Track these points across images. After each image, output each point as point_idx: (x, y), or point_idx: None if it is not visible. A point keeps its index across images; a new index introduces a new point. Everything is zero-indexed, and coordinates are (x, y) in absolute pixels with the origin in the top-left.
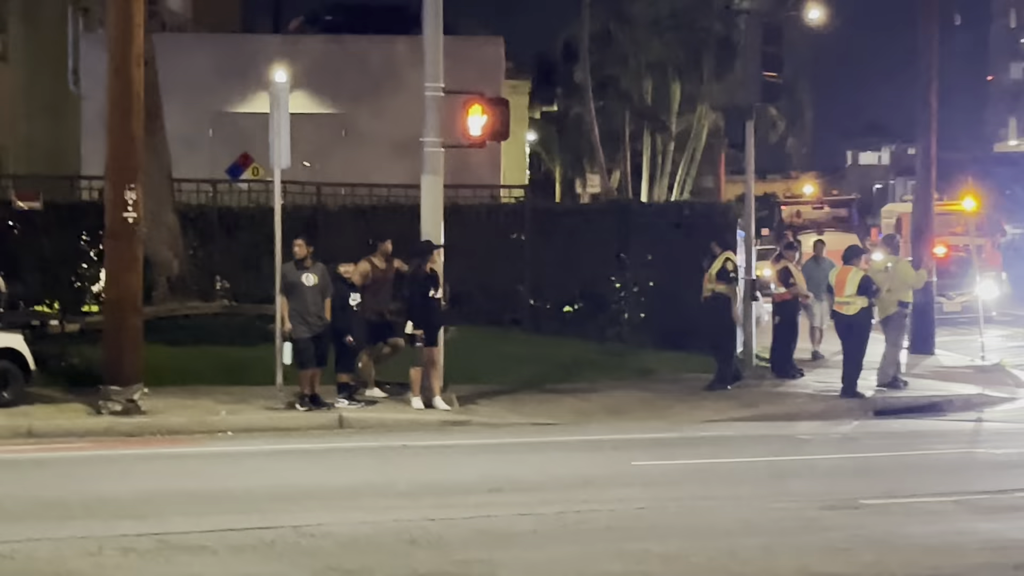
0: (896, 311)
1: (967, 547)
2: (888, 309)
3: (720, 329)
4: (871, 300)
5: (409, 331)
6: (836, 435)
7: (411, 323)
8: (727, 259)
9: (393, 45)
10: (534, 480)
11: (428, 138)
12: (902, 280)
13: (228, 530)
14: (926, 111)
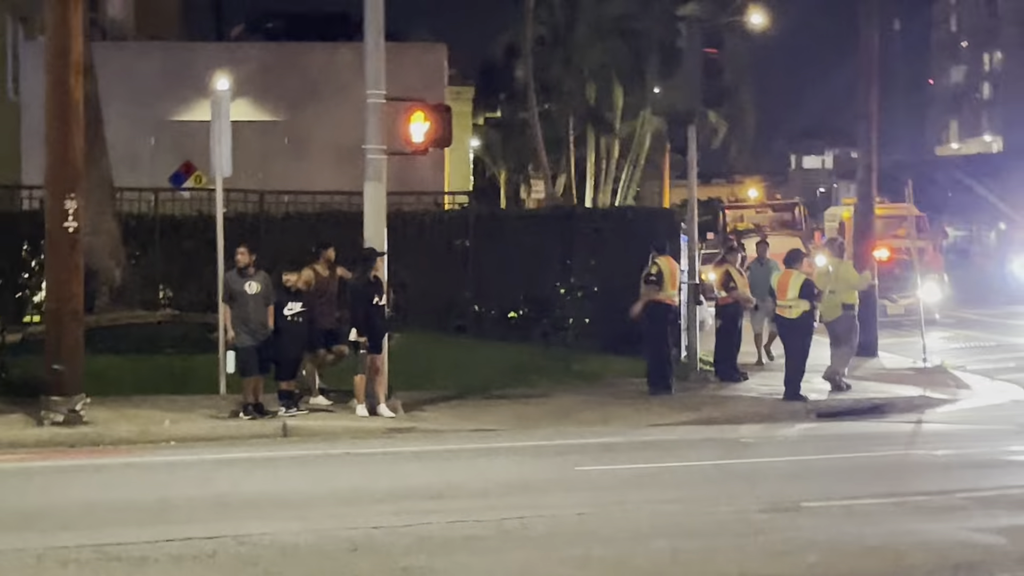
0: (842, 313)
1: (907, 548)
2: (834, 312)
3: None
4: (813, 303)
5: (353, 338)
6: (779, 438)
7: (355, 330)
8: (653, 263)
9: (335, 52)
10: (478, 486)
11: (370, 145)
12: (845, 282)
13: (169, 540)
14: (867, 115)
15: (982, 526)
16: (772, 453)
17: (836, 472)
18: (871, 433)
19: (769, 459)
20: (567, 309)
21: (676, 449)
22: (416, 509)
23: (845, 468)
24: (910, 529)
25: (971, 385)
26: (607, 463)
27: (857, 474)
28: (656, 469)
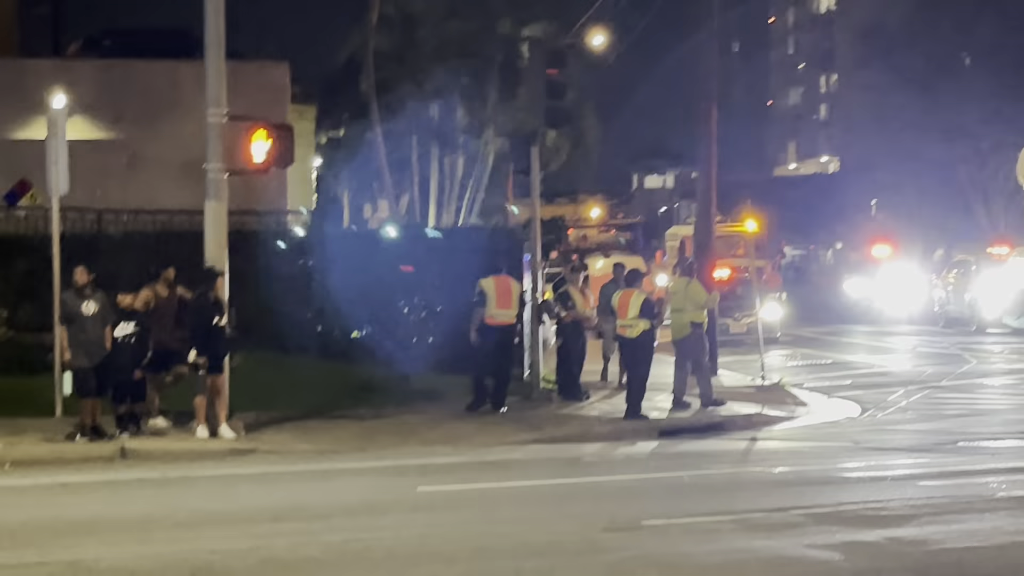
0: (690, 332)
1: (746, 565)
2: (683, 331)
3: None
4: (653, 322)
5: (192, 359)
6: (620, 456)
7: (194, 351)
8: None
9: (176, 69)
10: (320, 508)
11: (212, 164)
12: (694, 301)
13: (1, 566)
14: (707, 136)
15: (818, 542)
16: (614, 471)
17: (677, 490)
18: (711, 451)
19: (611, 477)
20: (411, 329)
21: (518, 468)
22: (257, 532)
23: (685, 486)
24: (749, 546)
25: (808, 403)
26: (450, 483)
27: (697, 492)
28: (498, 489)
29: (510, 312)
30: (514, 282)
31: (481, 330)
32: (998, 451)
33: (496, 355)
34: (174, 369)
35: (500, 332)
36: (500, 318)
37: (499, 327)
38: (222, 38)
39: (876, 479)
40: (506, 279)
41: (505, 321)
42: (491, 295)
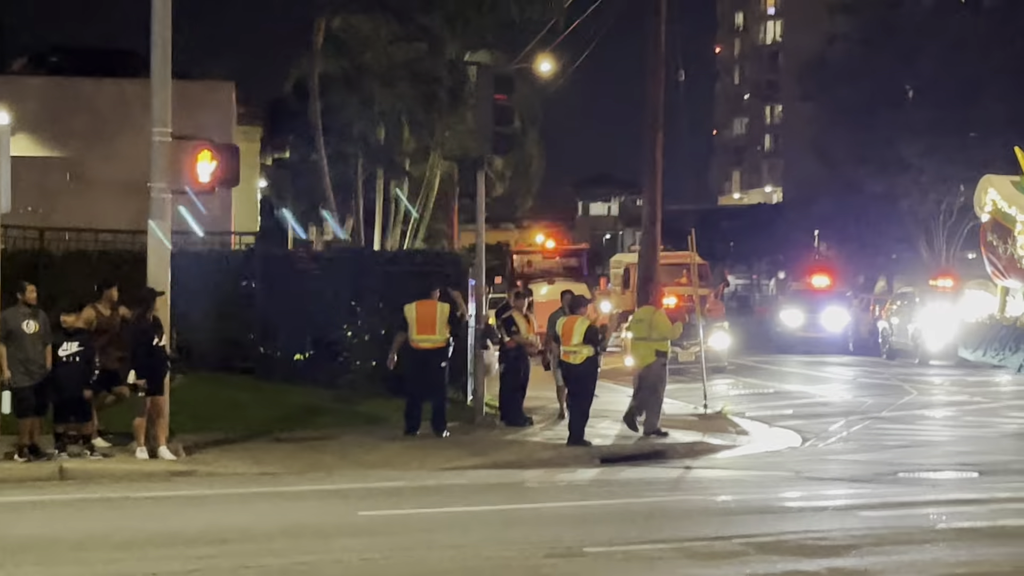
0: (654, 361)
1: None
2: (647, 359)
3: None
4: (596, 349)
5: (131, 380)
6: (563, 483)
7: (134, 372)
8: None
9: (121, 88)
10: (260, 531)
11: (156, 184)
12: (659, 331)
13: None
14: (653, 164)
15: (760, 572)
16: (556, 498)
17: (619, 517)
18: (653, 478)
19: (553, 504)
20: (354, 351)
21: (461, 493)
22: (197, 555)
23: (628, 513)
24: (690, 574)
25: (750, 432)
26: (392, 507)
27: (639, 519)
28: (441, 514)
29: (433, 337)
30: (441, 306)
31: (404, 354)
32: (938, 482)
33: (421, 379)
34: (115, 389)
35: (423, 356)
36: (422, 343)
37: (421, 351)
38: (168, 57)
39: (817, 509)
40: (431, 304)
41: (427, 346)
42: (411, 320)
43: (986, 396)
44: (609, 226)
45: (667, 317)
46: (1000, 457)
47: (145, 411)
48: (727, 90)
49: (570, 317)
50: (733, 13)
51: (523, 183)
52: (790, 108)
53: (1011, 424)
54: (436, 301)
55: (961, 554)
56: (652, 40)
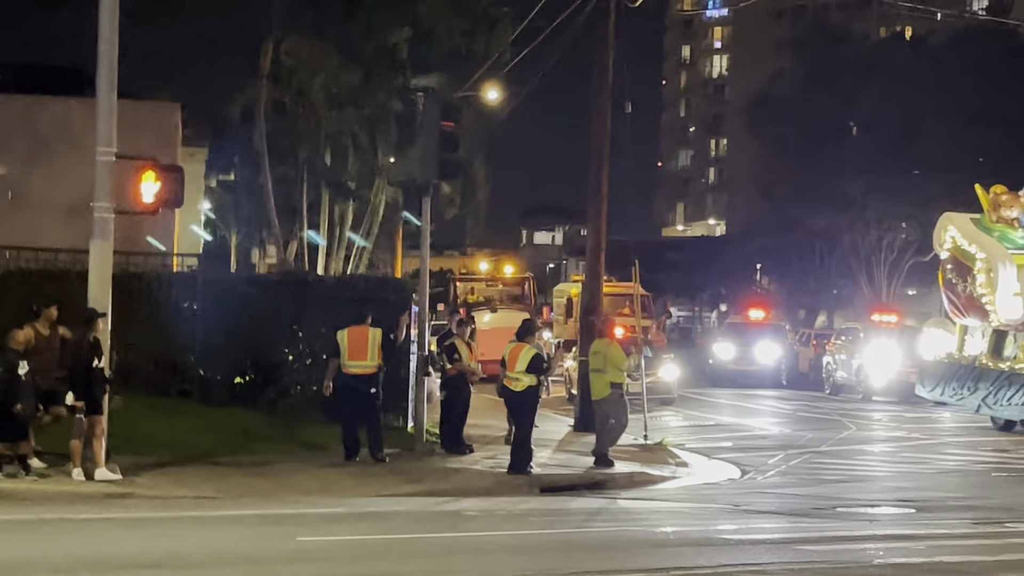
0: (610, 392)
1: None
2: (603, 391)
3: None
4: (540, 378)
5: (70, 402)
6: (502, 512)
7: (71, 393)
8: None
9: (66, 106)
10: (196, 556)
11: (99, 203)
12: (614, 363)
13: None
14: (597, 194)
15: None
16: (495, 527)
17: (556, 548)
18: (593, 509)
19: (492, 533)
20: (295, 376)
21: (398, 521)
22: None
23: (565, 544)
24: None
25: (689, 463)
26: (329, 534)
27: (576, 550)
28: (377, 541)
29: (364, 363)
30: (373, 331)
31: (337, 380)
32: (876, 518)
33: (353, 404)
34: (52, 409)
35: (354, 381)
36: (353, 369)
37: (352, 376)
38: (114, 76)
39: (756, 542)
40: (363, 329)
41: (357, 371)
42: (344, 345)
43: (924, 432)
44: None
45: (622, 350)
46: (937, 493)
47: (82, 433)
48: (673, 123)
49: (516, 344)
50: (680, 46)
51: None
52: (735, 142)
53: (948, 461)
54: (368, 327)
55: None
56: (599, 72)
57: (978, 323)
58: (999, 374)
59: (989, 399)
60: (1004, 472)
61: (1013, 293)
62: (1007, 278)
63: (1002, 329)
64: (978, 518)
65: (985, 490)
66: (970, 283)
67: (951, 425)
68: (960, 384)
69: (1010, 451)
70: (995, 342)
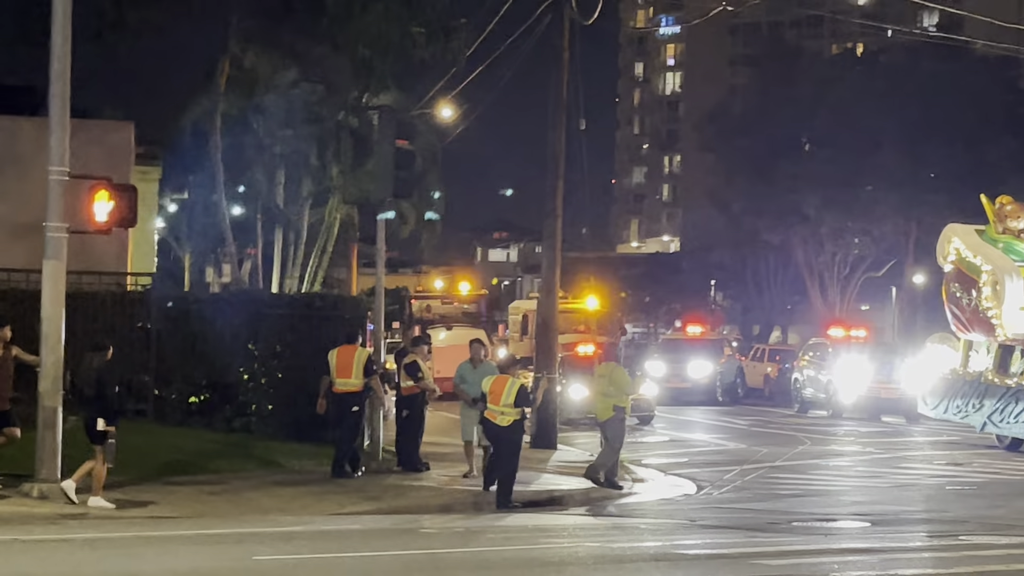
0: (613, 415)
1: None
2: (606, 413)
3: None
4: (525, 411)
5: (101, 427)
6: (459, 529)
7: (102, 419)
8: None
9: (17, 125)
10: (153, 575)
11: (52, 223)
12: (618, 386)
13: None
14: (552, 211)
15: None
16: (453, 544)
17: (515, 564)
18: (550, 525)
19: (450, 550)
20: (250, 395)
21: (358, 539)
22: None
23: (524, 560)
24: None
25: (645, 479)
26: (286, 552)
27: (535, 567)
28: (337, 559)
29: (348, 381)
30: (360, 352)
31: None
32: (832, 531)
33: (338, 422)
34: (6, 430)
35: (338, 399)
36: (339, 387)
37: (337, 395)
38: (67, 95)
39: (712, 557)
40: (350, 348)
41: (343, 389)
42: (332, 364)
43: (879, 447)
44: (508, 272)
45: (626, 373)
46: (892, 507)
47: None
48: (627, 139)
49: (500, 377)
50: (634, 63)
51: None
52: (689, 158)
53: (902, 475)
54: (356, 346)
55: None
56: (554, 88)
57: (983, 338)
58: (1005, 390)
59: (995, 416)
60: (958, 486)
61: (1020, 307)
62: (1014, 291)
63: (1008, 344)
64: (933, 531)
65: (940, 504)
66: (975, 296)
67: (903, 439)
68: (965, 401)
69: (964, 464)
70: (1001, 357)
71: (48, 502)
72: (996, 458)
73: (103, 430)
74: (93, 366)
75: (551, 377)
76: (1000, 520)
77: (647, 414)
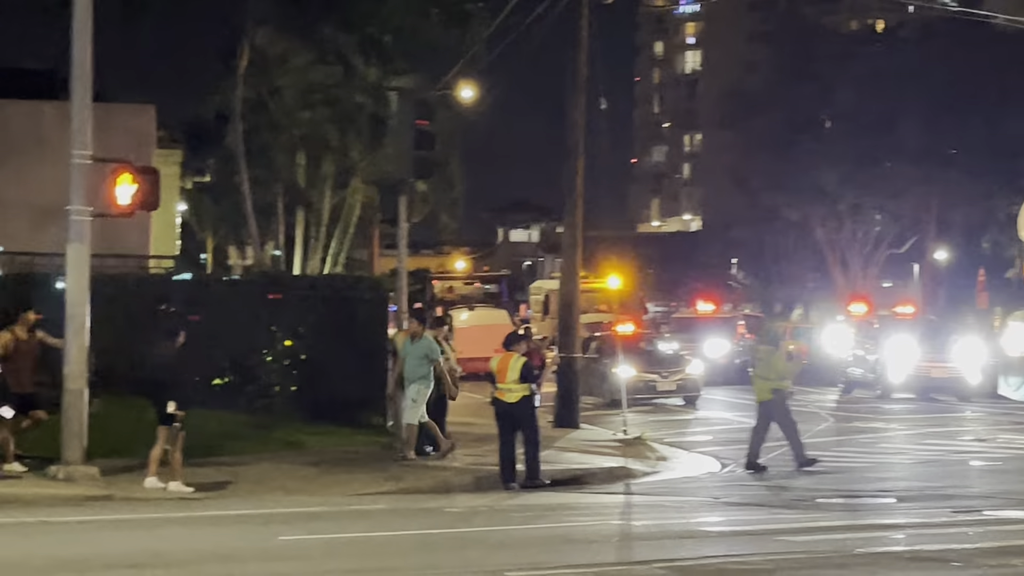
0: (772, 397)
1: None
2: (764, 395)
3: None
4: (533, 387)
5: (171, 411)
6: (483, 508)
7: (173, 403)
8: None
9: (39, 110)
10: (178, 556)
11: (75, 206)
12: (776, 370)
13: None
14: (573, 191)
15: None
16: (475, 523)
17: (540, 542)
18: (574, 504)
19: (475, 529)
20: (273, 376)
21: (380, 518)
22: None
23: (549, 538)
24: None
25: (669, 457)
26: (311, 532)
27: (560, 544)
28: (361, 539)
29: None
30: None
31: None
32: (855, 508)
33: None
34: (32, 414)
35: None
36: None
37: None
38: (89, 79)
39: (736, 533)
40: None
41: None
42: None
43: (902, 423)
44: (529, 253)
45: (784, 357)
46: (916, 483)
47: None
48: (646, 119)
49: (505, 354)
50: (652, 43)
51: (444, 209)
52: (709, 137)
53: (926, 451)
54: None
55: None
56: (573, 68)
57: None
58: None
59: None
60: (982, 461)
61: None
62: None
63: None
64: (957, 507)
65: (963, 479)
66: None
67: (925, 416)
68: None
69: (988, 440)
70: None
71: (73, 484)
72: (1020, 433)
73: (172, 412)
74: (166, 352)
75: (572, 356)
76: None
77: (693, 395)
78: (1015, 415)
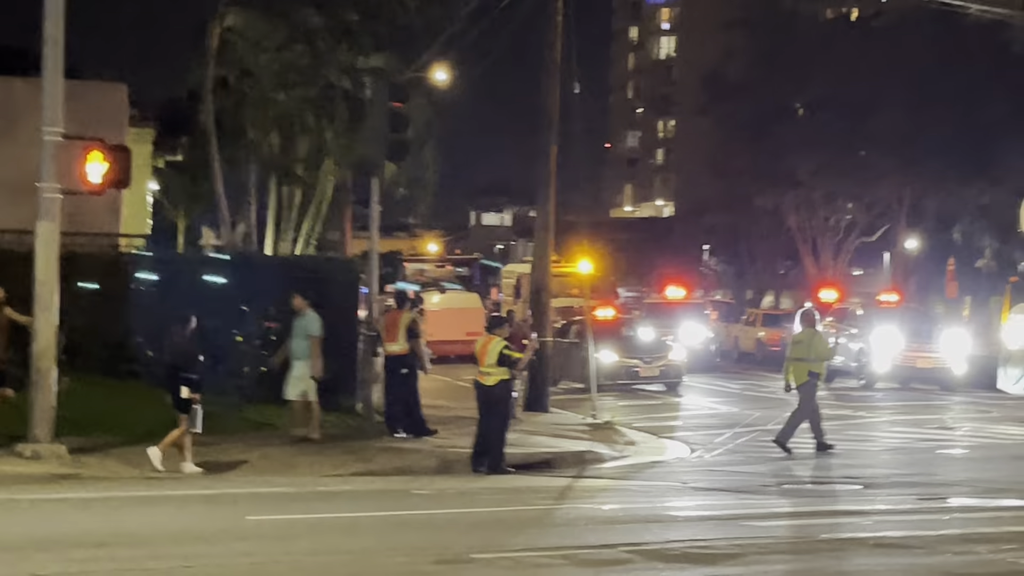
0: (807, 380)
1: None
2: (801, 378)
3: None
4: (512, 371)
5: (185, 395)
6: (452, 490)
7: (187, 387)
8: None
9: (9, 86)
10: (145, 534)
11: (45, 183)
12: (817, 353)
13: None
14: (546, 175)
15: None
16: (446, 505)
17: (507, 525)
18: (542, 487)
19: (443, 511)
20: (244, 357)
21: (349, 499)
22: (81, 558)
23: (515, 521)
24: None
25: (637, 442)
26: (279, 513)
27: (527, 527)
28: (329, 519)
29: (394, 345)
30: (405, 316)
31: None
32: (822, 494)
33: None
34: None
35: (388, 362)
36: (387, 350)
37: (387, 358)
38: (60, 56)
39: (703, 518)
40: (394, 313)
41: (390, 352)
42: (380, 329)
43: (869, 411)
44: (502, 235)
45: (826, 341)
46: (883, 470)
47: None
48: (621, 104)
49: (485, 337)
50: (627, 28)
51: (417, 191)
52: (683, 123)
53: (892, 439)
54: (397, 311)
55: (844, 564)
56: (548, 52)
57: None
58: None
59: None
60: (948, 450)
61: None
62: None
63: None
64: (922, 494)
65: (929, 467)
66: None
67: (891, 404)
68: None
69: (954, 429)
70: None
71: (41, 462)
72: (986, 422)
73: (187, 398)
74: (178, 338)
75: (542, 340)
76: (990, 483)
77: (675, 381)
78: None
